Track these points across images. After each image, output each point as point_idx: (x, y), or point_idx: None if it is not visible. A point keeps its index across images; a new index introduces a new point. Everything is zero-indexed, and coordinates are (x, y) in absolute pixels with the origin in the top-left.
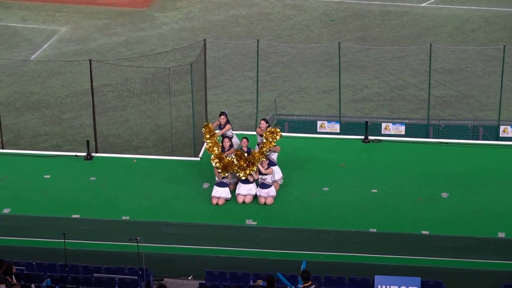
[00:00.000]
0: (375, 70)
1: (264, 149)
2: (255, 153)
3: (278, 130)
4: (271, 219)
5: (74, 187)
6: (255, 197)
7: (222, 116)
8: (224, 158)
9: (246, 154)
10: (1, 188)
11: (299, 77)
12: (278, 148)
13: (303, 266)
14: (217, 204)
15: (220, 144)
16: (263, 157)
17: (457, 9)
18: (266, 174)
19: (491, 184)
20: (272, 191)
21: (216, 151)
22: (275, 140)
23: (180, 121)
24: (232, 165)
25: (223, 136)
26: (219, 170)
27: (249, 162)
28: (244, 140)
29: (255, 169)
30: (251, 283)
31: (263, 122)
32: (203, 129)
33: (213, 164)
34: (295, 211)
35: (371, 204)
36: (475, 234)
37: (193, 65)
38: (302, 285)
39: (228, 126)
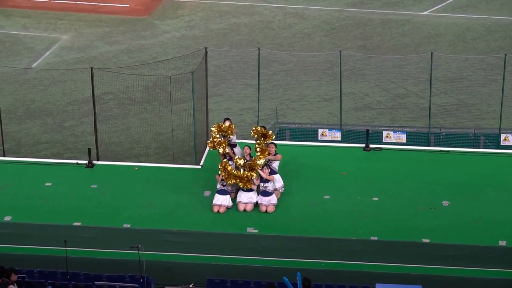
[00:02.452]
0: (376, 79)
1: (260, 156)
2: (254, 159)
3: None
4: (272, 227)
5: (75, 195)
6: (256, 205)
7: (227, 122)
8: (228, 168)
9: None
10: (2, 195)
11: (300, 85)
12: (279, 156)
13: (298, 279)
14: (218, 212)
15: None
16: (259, 166)
17: (458, 17)
18: (268, 181)
19: (492, 192)
20: (273, 199)
21: (223, 159)
22: (270, 140)
23: (181, 129)
24: (232, 176)
25: (228, 144)
26: (222, 177)
27: (249, 167)
28: (246, 148)
29: (255, 175)
30: None
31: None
32: (216, 136)
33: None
34: (296, 219)
35: (372, 212)
36: (476, 242)
37: (194, 73)
38: None
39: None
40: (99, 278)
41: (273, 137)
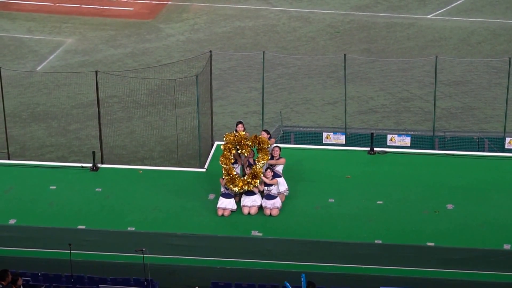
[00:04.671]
0: (380, 82)
1: (260, 162)
2: (256, 167)
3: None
4: (277, 231)
5: (80, 198)
6: (261, 208)
7: (240, 125)
8: (232, 173)
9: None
10: (7, 199)
11: (304, 89)
12: (282, 160)
13: (303, 280)
14: (222, 215)
15: (232, 158)
16: (261, 173)
17: (463, 21)
18: (271, 185)
19: (496, 196)
20: (277, 202)
21: (226, 166)
22: (267, 146)
23: (185, 133)
24: (237, 180)
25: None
26: (225, 181)
27: (252, 175)
28: (251, 152)
29: (258, 182)
30: None
31: (264, 133)
32: (227, 143)
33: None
34: (300, 223)
35: (376, 215)
36: (481, 246)
37: (198, 77)
38: None
39: (247, 134)
40: (103, 281)
41: (269, 144)
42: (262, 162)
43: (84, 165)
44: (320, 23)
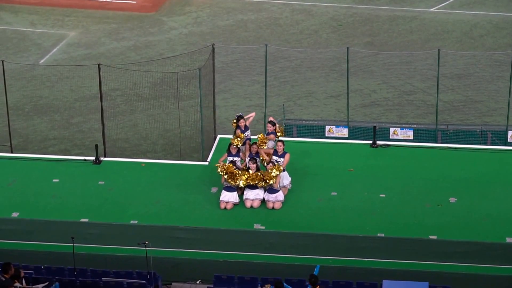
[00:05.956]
0: (383, 75)
1: (269, 167)
2: (271, 174)
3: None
4: (279, 224)
5: (83, 191)
6: (263, 201)
7: (241, 120)
8: (231, 170)
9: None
10: (10, 192)
11: (307, 82)
12: (288, 156)
13: (316, 271)
14: (225, 208)
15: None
16: (274, 178)
17: (465, 14)
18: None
19: (499, 189)
20: (280, 195)
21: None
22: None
23: (188, 126)
24: (237, 175)
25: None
26: (225, 177)
27: (262, 179)
28: (254, 146)
29: (264, 184)
30: (259, 287)
31: (270, 125)
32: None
33: (222, 174)
34: (303, 216)
35: (379, 209)
36: (483, 239)
37: (201, 70)
38: None
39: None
40: (106, 274)
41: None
42: (275, 172)
43: (87, 158)
44: (323, 16)
